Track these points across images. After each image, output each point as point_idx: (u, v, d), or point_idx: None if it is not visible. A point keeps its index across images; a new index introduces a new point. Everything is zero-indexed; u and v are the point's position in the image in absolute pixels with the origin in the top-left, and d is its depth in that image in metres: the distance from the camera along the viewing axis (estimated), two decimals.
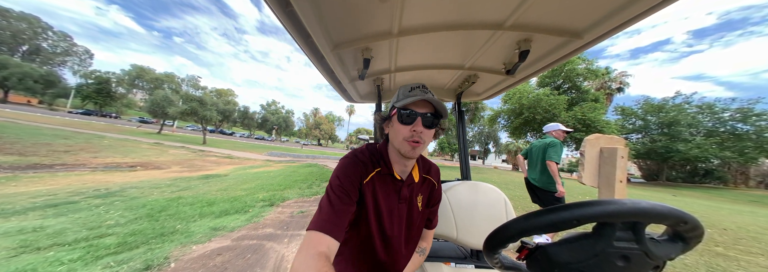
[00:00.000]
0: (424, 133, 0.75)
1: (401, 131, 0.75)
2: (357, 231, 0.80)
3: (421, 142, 0.74)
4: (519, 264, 0.57)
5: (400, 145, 0.76)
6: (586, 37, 0.91)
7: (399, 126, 0.76)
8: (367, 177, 0.78)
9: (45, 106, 43.31)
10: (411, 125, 0.74)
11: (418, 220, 0.89)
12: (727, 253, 3.18)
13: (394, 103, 0.81)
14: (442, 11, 0.88)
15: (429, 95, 0.76)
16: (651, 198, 9.56)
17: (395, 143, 0.78)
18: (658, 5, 0.71)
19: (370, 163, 0.80)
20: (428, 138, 0.77)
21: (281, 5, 0.77)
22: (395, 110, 0.78)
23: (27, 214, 3.61)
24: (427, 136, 0.76)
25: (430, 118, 0.75)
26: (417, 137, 0.74)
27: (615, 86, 26.12)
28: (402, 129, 0.75)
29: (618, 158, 1.11)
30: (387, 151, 0.84)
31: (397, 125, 0.77)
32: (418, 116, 0.74)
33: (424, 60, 1.35)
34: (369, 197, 0.78)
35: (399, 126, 0.76)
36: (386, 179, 0.81)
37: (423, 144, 0.75)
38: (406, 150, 0.76)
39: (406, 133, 0.75)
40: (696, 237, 0.43)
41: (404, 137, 0.75)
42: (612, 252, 0.42)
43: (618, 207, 0.39)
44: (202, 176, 8.20)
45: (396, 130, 0.77)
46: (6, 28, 47.46)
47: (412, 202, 0.86)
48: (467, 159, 1.82)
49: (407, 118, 0.74)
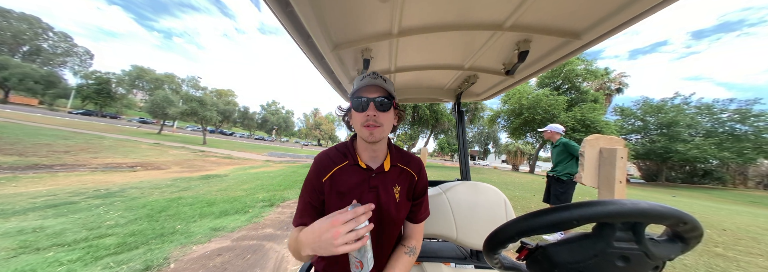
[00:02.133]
0: (379, 116, 0.78)
1: (358, 118, 0.79)
2: None
3: (377, 125, 0.78)
4: (519, 264, 0.57)
5: (360, 131, 0.80)
6: (585, 38, 0.91)
7: (355, 114, 0.80)
8: (328, 174, 0.83)
9: (45, 106, 43.26)
10: (365, 111, 0.78)
11: (395, 211, 0.86)
12: (726, 254, 3.18)
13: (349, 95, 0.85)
14: (441, 12, 0.88)
15: (379, 80, 0.79)
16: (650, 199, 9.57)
17: (357, 130, 0.82)
18: (658, 5, 0.71)
19: (338, 157, 0.86)
20: (386, 121, 0.80)
21: (281, 5, 0.77)
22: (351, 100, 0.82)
23: (27, 214, 3.60)
24: (383, 119, 0.79)
25: (381, 100, 0.78)
26: (371, 121, 0.77)
27: (614, 86, 26.15)
28: (358, 116, 0.79)
29: (617, 159, 1.11)
30: (355, 142, 0.89)
31: (354, 114, 0.81)
32: (370, 102, 0.78)
33: (424, 60, 1.35)
34: (330, 192, 0.82)
35: (355, 114, 0.80)
36: (353, 169, 0.84)
37: (381, 127, 0.79)
38: (366, 135, 0.79)
39: (362, 119, 0.78)
40: (695, 237, 0.43)
41: (361, 122, 0.78)
42: (612, 252, 0.42)
43: (618, 208, 0.39)
44: (202, 177, 8.20)
45: (354, 118, 0.82)
46: (7, 28, 47.47)
47: (387, 191, 0.85)
48: (467, 159, 1.82)
49: (360, 105, 0.78)
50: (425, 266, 1.20)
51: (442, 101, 2.03)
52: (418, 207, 0.95)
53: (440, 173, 12.39)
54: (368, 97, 0.78)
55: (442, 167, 19.07)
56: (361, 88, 0.78)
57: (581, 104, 17.83)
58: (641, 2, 0.71)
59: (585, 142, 1.21)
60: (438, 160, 47.41)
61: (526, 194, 7.35)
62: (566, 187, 3.30)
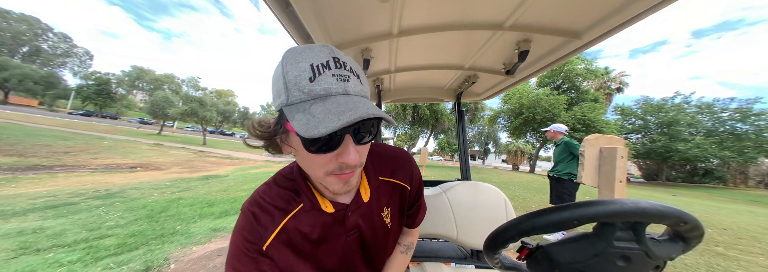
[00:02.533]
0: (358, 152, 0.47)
1: (317, 161, 0.46)
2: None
3: (355, 169, 0.48)
4: (519, 264, 0.57)
5: (323, 180, 0.50)
6: (585, 38, 0.91)
7: (308, 155, 0.46)
8: (269, 238, 0.53)
9: (45, 107, 43.27)
10: (334, 151, 0.45)
11: (387, 238, 0.68)
12: (727, 253, 3.18)
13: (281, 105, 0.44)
14: (441, 11, 0.88)
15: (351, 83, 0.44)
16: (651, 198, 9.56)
17: (314, 178, 0.52)
18: (658, 5, 0.71)
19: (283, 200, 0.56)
20: (365, 154, 0.51)
21: (281, 5, 0.77)
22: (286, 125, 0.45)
23: (27, 215, 3.60)
24: (364, 152, 0.50)
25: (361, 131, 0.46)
26: (347, 168, 0.47)
27: (614, 85, 26.15)
28: (317, 159, 0.46)
29: (617, 158, 1.11)
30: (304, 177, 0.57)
31: (304, 153, 0.46)
32: (344, 136, 0.44)
33: (424, 60, 1.35)
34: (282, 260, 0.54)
35: (308, 155, 0.46)
36: (315, 215, 0.56)
37: (359, 168, 0.51)
38: (337, 188, 0.50)
39: (327, 164, 0.46)
40: (696, 237, 0.43)
41: (325, 170, 0.47)
42: (612, 252, 0.42)
43: (618, 207, 0.39)
44: (202, 177, 8.20)
45: (307, 159, 0.48)
46: (6, 29, 47.50)
47: (372, 223, 0.63)
48: (467, 159, 1.82)
49: (323, 144, 0.44)
50: (425, 266, 1.20)
51: (443, 101, 2.03)
52: (414, 214, 0.78)
53: (440, 173, 12.39)
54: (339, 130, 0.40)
55: (441, 168, 19.07)
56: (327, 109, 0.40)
57: (581, 104, 17.84)
58: (641, 2, 0.71)
59: (585, 141, 1.22)
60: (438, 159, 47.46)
61: (526, 194, 7.34)
62: (568, 187, 3.30)
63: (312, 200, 0.56)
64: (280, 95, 0.44)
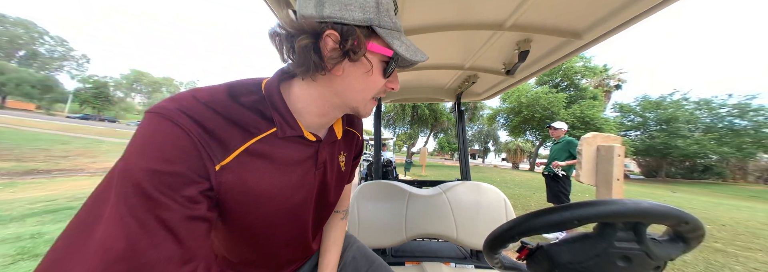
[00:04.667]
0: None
1: (376, 82, 0.49)
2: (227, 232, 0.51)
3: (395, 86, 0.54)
4: (519, 264, 0.57)
5: (366, 103, 0.52)
6: (586, 38, 0.91)
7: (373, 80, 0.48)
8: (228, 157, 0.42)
9: (43, 111, 43.14)
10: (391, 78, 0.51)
11: (339, 184, 0.67)
12: (726, 249, 3.19)
13: (390, 37, 0.44)
14: (441, 11, 0.88)
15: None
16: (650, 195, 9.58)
17: (351, 96, 0.49)
18: (658, 5, 0.71)
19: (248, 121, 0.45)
20: None
21: (281, 6, 0.77)
22: (381, 50, 0.45)
23: (25, 220, 3.58)
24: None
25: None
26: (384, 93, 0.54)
27: (613, 83, 26.23)
28: (378, 83, 0.49)
29: (615, 156, 1.11)
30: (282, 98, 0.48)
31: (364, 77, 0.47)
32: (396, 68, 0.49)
33: None
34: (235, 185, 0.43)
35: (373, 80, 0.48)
36: (287, 143, 0.49)
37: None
38: (369, 110, 0.54)
39: (379, 89, 0.51)
40: (697, 237, 0.43)
41: (375, 94, 0.51)
42: (613, 252, 0.42)
43: (619, 207, 0.39)
44: None
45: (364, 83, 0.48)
46: (3, 33, 47.34)
47: (333, 165, 0.61)
48: (467, 159, 1.82)
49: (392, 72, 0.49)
50: (425, 266, 1.20)
51: (443, 101, 2.03)
52: (353, 167, 0.76)
53: (440, 173, 12.41)
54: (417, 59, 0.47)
55: (441, 167, 19.09)
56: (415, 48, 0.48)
57: (580, 101, 17.90)
58: (641, 2, 0.71)
59: (582, 140, 1.22)
60: (438, 159, 47.46)
61: (526, 193, 7.36)
62: (563, 185, 3.30)
63: (293, 126, 0.48)
64: (366, 11, 0.42)
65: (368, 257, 0.80)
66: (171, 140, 0.37)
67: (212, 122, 0.41)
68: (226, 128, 0.42)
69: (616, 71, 26.36)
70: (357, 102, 0.51)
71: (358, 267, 0.77)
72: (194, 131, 0.38)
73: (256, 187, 0.46)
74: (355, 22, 0.41)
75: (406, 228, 1.29)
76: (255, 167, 0.45)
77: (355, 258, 0.78)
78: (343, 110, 0.53)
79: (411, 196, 1.37)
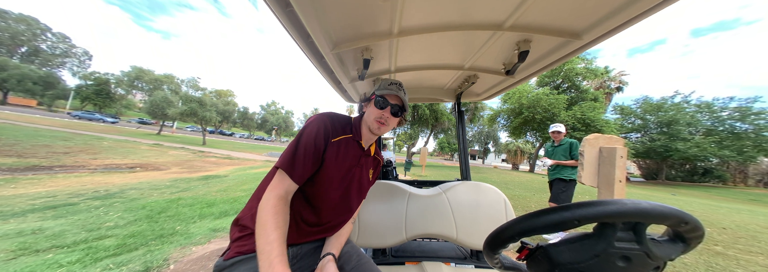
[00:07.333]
0: (389, 118, 0.96)
1: (374, 112, 0.96)
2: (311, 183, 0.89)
3: (385, 124, 0.96)
4: (519, 264, 0.57)
5: (371, 123, 0.96)
6: (585, 38, 0.91)
7: (373, 109, 0.96)
8: (337, 137, 0.91)
9: (44, 107, 43.17)
10: (382, 110, 0.95)
11: (365, 186, 1.05)
12: (726, 252, 3.18)
13: (375, 90, 0.99)
14: (442, 11, 0.88)
15: (401, 93, 0.97)
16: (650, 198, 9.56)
17: (368, 120, 0.97)
18: (658, 5, 0.71)
19: (340, 128, 0.95)
20: (392, 123, 0.99)
21: (281, 5, 0.77)
22: (374, 96, 0.98)
23: (26, 216, 3.60)
24: (391, 121, 0.98)
25: (396, 108, 0.96)
26: (383, 120, 0.95)
27: (614, 85, 26.16)
28: (375, 111, 0.96)
29: (617, 158, 1.11)
30: (360, 124, 1.01)
31: (372, 108, 0.97)
32: (388, 105, 0.95)
33: (424, 60, 1.35)
34: (331, 154, 0.89)
35: (373, 109, 0.96)
36: (352, 144, 0.96)
37: (386, 126, 0.97)
38: (374, 127, 0.96)
39: (377, 114, 0.95)
40: (696, 237, 0.43)
41: (375, 117, 0.95)
42: (613, 252, 0.42)
43: (619, 208, 0.39)
44: (202, 177, 8.19)
45: (371, 111, 0.97)
46: (5, 29, 47.35)
47: (365, 170, 1.03)
48: (467, 159, 1.82)
49: (381, 104, 0.95)
50: (425, 266, 1.20)
51: (442, 101, 2.03)
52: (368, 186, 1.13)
53: (440, 173, 12.40)
54: (389, 102, 0.95)
55: (442, 167, 19.08)
56: (388, 94, 0.95)
57: (581, 103, 17.84)
58: (641, 2, 0.70)
59: (585, 141, 1.22)
60: (438, 159, 47.39)
61: (526, 193, 7.35)
62: (568, 186, 3.31)
63: (358, 135, 0.98)
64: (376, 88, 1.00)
65: (358, 253, 1.04)
66: (322, 122, 0.90)
67: (333, 123, 0.93)
68: (337, 128, 0.93)
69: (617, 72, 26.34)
70: (369, 122, 0.97)
71: (350, 259, 1.00)
72: (328, 122, 0.91)
73: (333, 159, 0.89)
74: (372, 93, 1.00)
75: (406, 228, 1.30)
76: (337, 149, 0.91)
77: (347, 252, 1.02)
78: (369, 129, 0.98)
79: (411, 196, 1.37)
